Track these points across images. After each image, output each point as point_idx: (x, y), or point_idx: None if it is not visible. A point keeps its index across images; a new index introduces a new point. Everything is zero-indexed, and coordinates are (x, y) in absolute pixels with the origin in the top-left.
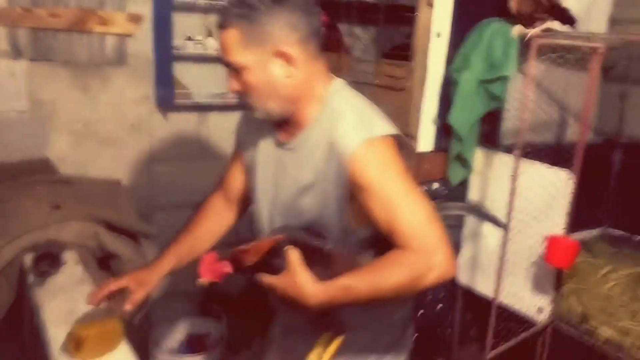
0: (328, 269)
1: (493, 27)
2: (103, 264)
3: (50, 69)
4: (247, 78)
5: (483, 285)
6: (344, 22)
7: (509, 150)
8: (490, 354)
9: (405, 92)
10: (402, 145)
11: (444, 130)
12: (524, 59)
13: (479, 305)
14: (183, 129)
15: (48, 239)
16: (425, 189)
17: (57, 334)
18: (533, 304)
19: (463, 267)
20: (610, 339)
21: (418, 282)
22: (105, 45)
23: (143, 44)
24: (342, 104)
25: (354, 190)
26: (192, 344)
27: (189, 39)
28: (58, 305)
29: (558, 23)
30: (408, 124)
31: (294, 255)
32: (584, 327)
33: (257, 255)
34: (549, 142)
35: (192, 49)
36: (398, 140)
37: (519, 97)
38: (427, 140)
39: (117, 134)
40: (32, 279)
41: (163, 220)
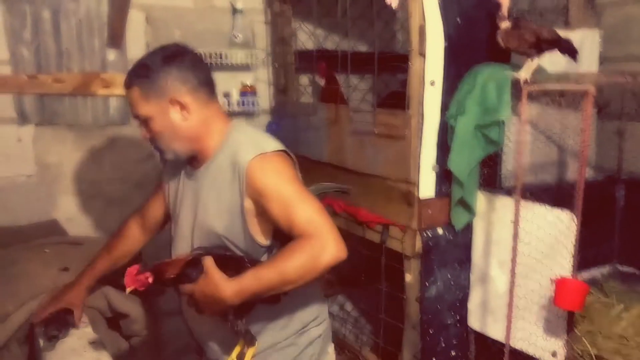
0: (238, 273)
1: (485, 72)
2: (112, 324)
3: (56, 133)
4: (152, 126)
5: (495, 330)
6: (341, 72)
7: (510, 193)
8: None
9: (404, 140)
10: (291, 158)
11: (445, 176)
12: (518, 102)
13: (492, 351)
14: None
15: None
16: (430, 235)
17: None
18: (546, 348)
19: (473, 311)
20: None
21: (316, 262)
22: (109, 107)
23: None
24: (240, 135)
25: (254, 198)
26: None
27: None
28: None
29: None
30: (409, 171)
31: (209, 261)
32: None
33: (176, 268)
34: (549, 182)
35: None
36: (287, 154)
37: (516, 139)
38: (428, 187)
39: (122, 193)
40: (42, 344)
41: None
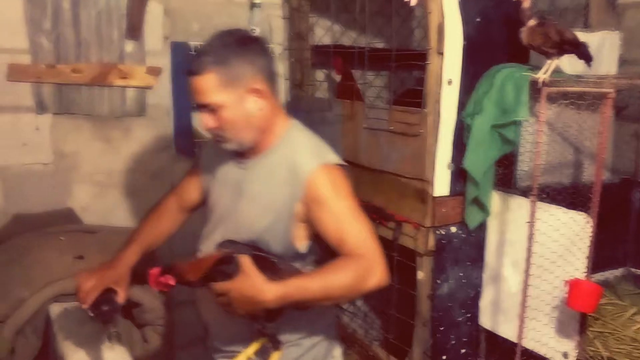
0: (276, 279)
1: (504, 72)
2: (126, 313)
3: (73, 122)
4: (223, 115)
5: (506, 329)
6: (357, 68)
7: (525, 193)
8: None
9: (420, 138)
10: (347, 174)
11: (460, 175)
12: (536, 102)
13: (502, 349)
14: None
15: (72, 290)
16: (443, 233)
17: None
18: (558, 349)
19: (485, 310)
20: None
21: (361, 284)
22: (126, 98)
23: (162, 95)
24: (300, 136)
25: (307, 206)
26: None
27: None
28: (83, 356)
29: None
30: (424, 169)
31: (247, 260)
32: None
33: (200, 271)
34: (564, 183)
35: None
36: (345, 170)
37: (533, 139)
38: (442, 185)
39: (138, 184)
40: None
41: None
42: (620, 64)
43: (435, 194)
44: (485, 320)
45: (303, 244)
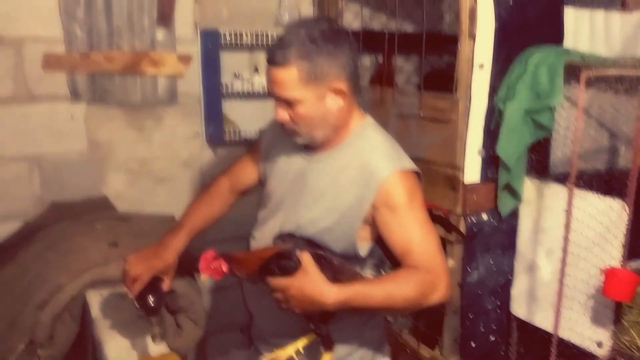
0: (336, 281)
1: (537, 55)
2: None
3: (107, 111)
4: (300, 110)
5: (539, 318)
6: (386, 53)
7: (559, 180)
8: None
9: (451, 123)
10: (421, 181)
11: (491, 161)
12: (570, 86)
13: (534, 338)
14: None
15: (109, 276)
16: (474, 220)
17: None
18: (592, 338)
19: (517, 298)
20: None
21: (424, 298)
22: (158, 86)
23: (193, 83)
24: (375, 135)
25: (378, 210)
26: None
27: (237, 77)
28: (119, 341)
29: None
30: (454, 155)
31: (308, 258)
32: None
33: (256, 264)
34: (600, 169)
35: (239, 87)
36: (419, 177)
37: (567, 125)
38: (473, 171)
39: (170, 171)
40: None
41: None
42: None
43: (466, 181)
44: (517, 309)
45: (365, 247)
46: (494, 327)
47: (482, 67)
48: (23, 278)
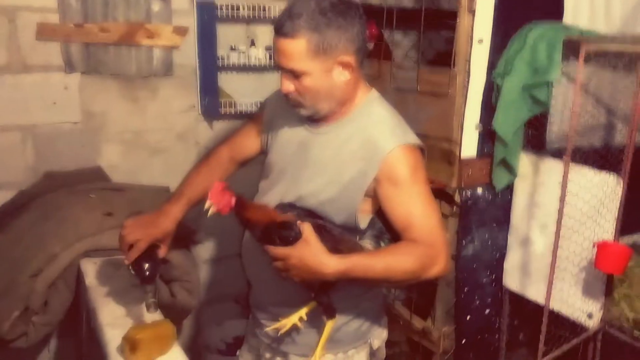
0: (336, 251)
1: (536, 31)
2: None
3: (101, 82)
4: (306, 82)
5: (532, 291)
6: (385, 28)
7: (555, 155)
8: None
9: (448, 98)
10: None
11: (488, 136)
12: (568, 62)
13: (527, 310)
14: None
15: (103, 245)
16: (469, 194)
17: (113, 336)
18: (583, 309)
19: (510, 271)
20: None
21: (423, 272)
22: (153, 57)
23: (189, 55)
24: (380, 110)
25: (380, 184)
26: (240, 346)
27: (233, 49)
28: (113, 309)
29: None
30: (451, 130)
31: (309, 228)
32: (636, 333)
33: (262, 217)
34: (596, 145)
35: (235, 59)
36: (423, 152)
37: (564, 100)
38: (470, 146)
39: (165, 143)
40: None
41: (210, 227)
42: None
43: (463, 155)
44: (511, 282)
45: (365, 219)
46: (489, 300)
47: (481, 42)
48: (17, 246)
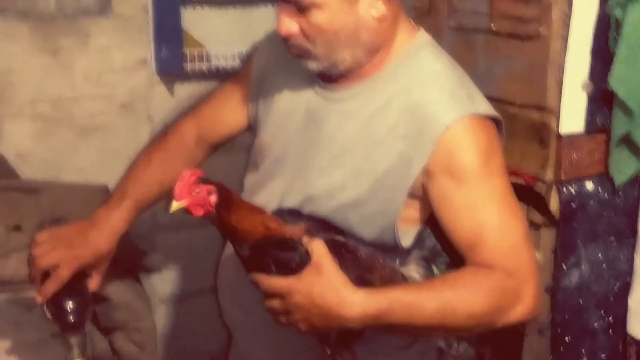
0: (363, 283)
1: None
2: None
3: (4, 25)
4: (317, 19)
5: None
6: None
7: None
8: None
9: (539, 40)
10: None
11: (601, 100)
12: None
13: None
14: None
15: (6, 275)
16: (574, 191)
17: None
18: None
19: (637, 312)
20: None
21: (499, 314)
22: None
23: None
24: (433, 62)
25: (432, 177)
26: None
27: None
28: None
29: None
30: (544, 92)
31: (322, 248)
32: None
33: (254, 223)
34: None
35: None
36: (500, 128)
37: None
38: (574, 116)
39: (101, 118)
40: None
41: (170, 245)
42: None
43: (563, 131)
44: (638, 327)
45: (410, 232)
46: (604, 355)
47: None
48: None
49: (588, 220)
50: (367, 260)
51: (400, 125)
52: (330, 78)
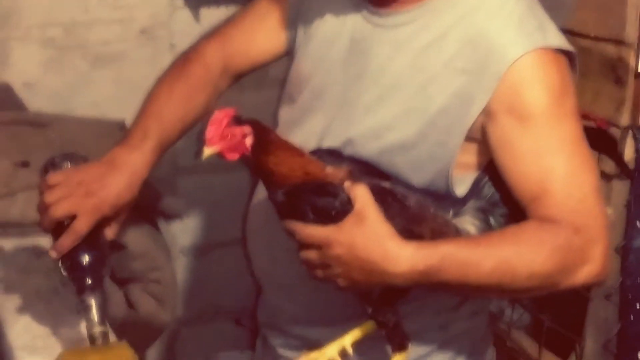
0: (412, 235)
1: None
2: None
3: None
4: None
5: None
6: None
7: None
8: None
9: None
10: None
11: None
12: None
13: None
14: None
15: (12, 217)
16: None
17: None
18: None
19: None
20: None
21: (564, 275)
22: None
23: None
24: None
25: (495, 117)
26: None
27: None
28: (30, 323)
29: None
30: (622, 21)
31: (366, 196)
32: None
33: (292, 165)
34: None
35: None
36: (572, 64)
37: None
38: None
39: (118, 45)
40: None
41: (192, 189)
42: None
43: None
44: None
45: (465, 180)
46: None
47: None
48: None
49: None
50: (416, 210)
51: (459, 58)
52: (381, 1)
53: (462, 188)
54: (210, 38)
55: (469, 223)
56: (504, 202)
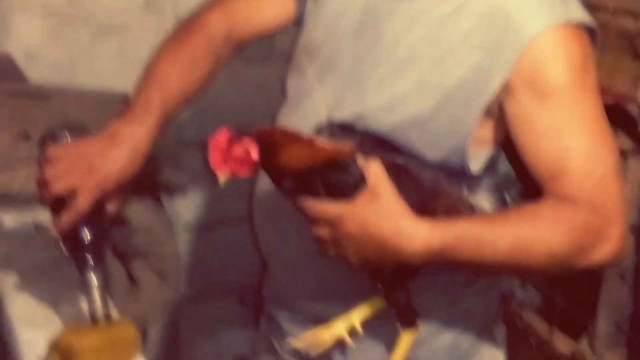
0: (425, 212)
1: None
2: None
3: None
4: None
5: None
6: None
7: None
8: None
9: None
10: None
11: None
12: None
13: None
14: None
15: (13, 190)
16: None
17: (31, 340)
18: None
19: None
20: None
21: (582, 256)
22: None
23: None
24: None
25: (513, 94)
26: None
27: None
28: (31, 297)
29: None
30: None
31: (379, 171)
32: None
33: (303, 154)
34: None
35: None
36: (592, 39)
37: None
38: None
39: (122, 16)
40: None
41: (197, 164)
42: None
43: None
44: None
45: (481, 156)
46: None
47: None
48: None
49: None
50: (430, 186)
51: (477, 33)
52: None
53: (477, 164)
54: (214, 5)
55: (485, 200)
56: (520, 179)
